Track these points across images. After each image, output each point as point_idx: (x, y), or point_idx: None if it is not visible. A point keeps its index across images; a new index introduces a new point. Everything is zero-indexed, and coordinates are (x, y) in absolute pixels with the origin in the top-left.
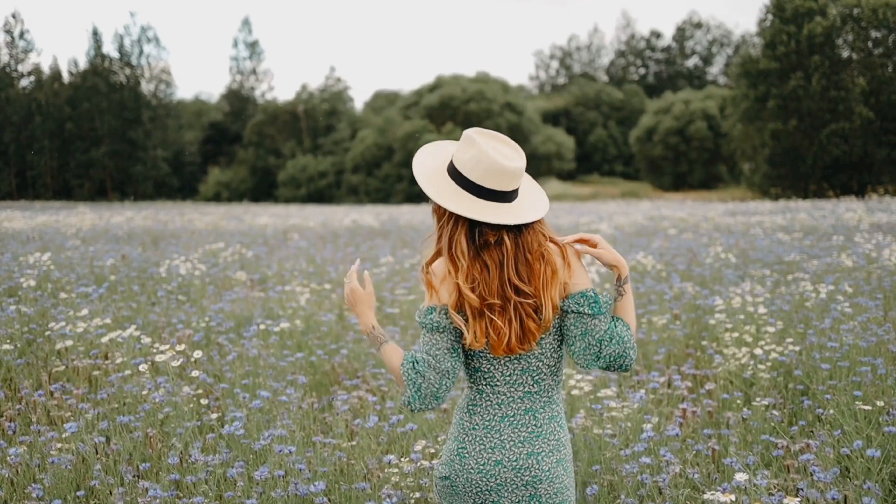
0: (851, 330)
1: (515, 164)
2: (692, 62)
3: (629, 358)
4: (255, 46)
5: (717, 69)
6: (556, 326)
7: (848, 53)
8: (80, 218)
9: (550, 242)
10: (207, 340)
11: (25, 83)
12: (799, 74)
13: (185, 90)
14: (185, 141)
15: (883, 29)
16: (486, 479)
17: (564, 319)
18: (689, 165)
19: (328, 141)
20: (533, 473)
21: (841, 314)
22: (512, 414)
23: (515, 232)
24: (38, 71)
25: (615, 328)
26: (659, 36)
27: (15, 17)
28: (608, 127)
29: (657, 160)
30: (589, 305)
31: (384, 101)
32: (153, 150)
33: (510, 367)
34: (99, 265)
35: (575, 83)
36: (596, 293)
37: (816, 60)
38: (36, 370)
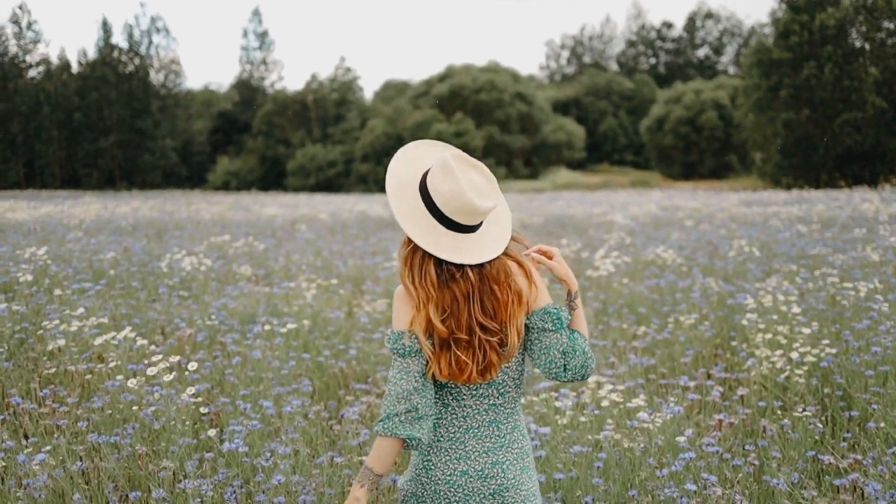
0: (889, 331)
1: (489, 203)
2: (703, 52)
3: (590, 368)
4: (264, 36)
5: (727, 59)
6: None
7: (861, 43)
8: (84, 208)
9: (512, 261)
10: (210, 340)
11: (34, 73)
12: (812, 64)
13: (194, 80)
14: (194, 130)
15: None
16: (453, 489)
17: (528, 335)
18: (699, 155)
19: (337, 130)
20: (499, 482)
21: (879, 314)
22: (476, 426)
23: (479, 265)
24: (46, 61)
25: (575, 341)
26: (670, 26)
27: (22, 7)
28: (618, 116)
29: (668, 149)
30: (552, 322)
31: (394, 90)
32: (162, 139)
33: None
34: (99, 259)
35: (585, 73)
36: (558, 309)
37: (829, 50)
38: (27, 373)
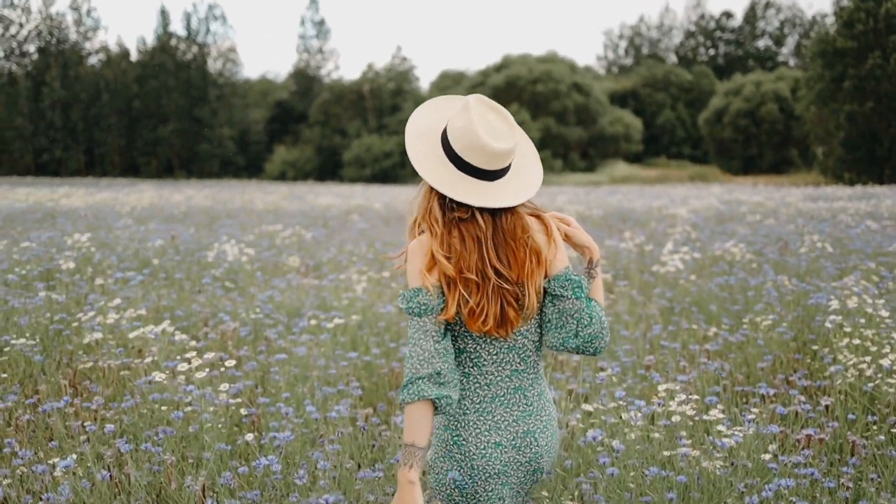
0: None
1: (502, 145)
2: (763, 43)
3: (603, 340)
4: (321, 25)
5: (788, 50)
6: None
7: None
8: (137, 196)
9: (532, 216)
10: (255, 335)
11: (94, 61)
12: (876, 54)
13: (252, 70)
14: (251, 120)
15: None
16: (490, 462)
17: (544, 297)
18: (759, 148)
19: (394, 121)
20: (534, 450)
21: None
22: (502, 394)
23: (491, 212)
24: (105, 49)
25: (592, 309)
26: (730, 16)
27: None
28: (676, 109)
29: (727, 143)
30: (573, 290)
31: (450, 81)
32: (219, 128)
33: (496, 345)
34: (145, 247)
35: (643, 64)
36: (580, 277)
37: (895, 40)
38: (62, 368)
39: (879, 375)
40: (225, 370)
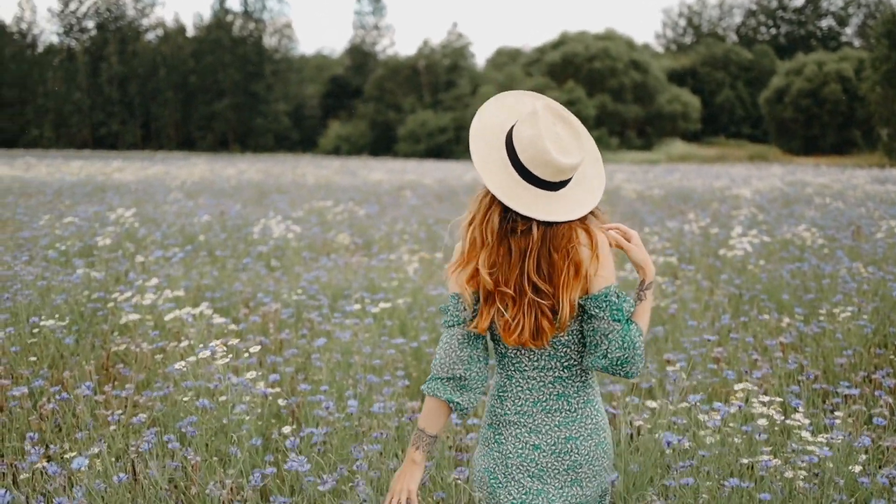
0: None
1: (569, 160)
2: (826, 23)
3: (636, 366)
4: (377, 2)
5: (852, 31)
6: (580, 314)
7: None
8: (189, 170)
9: (581, 229)
10: (297, 317)
11: (151, 37)
12: None
13: (307, 46)
14: (305, 95)
15: None
16: (526, 464)
17: (582, 315)
18: (821, 129)
19: (448, 97)
20: (573, 458)
21: None
22: (544, 399)
23: (547, 223)
24: (162, 25)
25: (628, 332)
26: None
27: None
28: (736, 88)
29: (787, 123)
30: (610, 312)
31: (506, 57)
32: (274, 103)
33: (537, 353)
34: (191, 222)
35: (703, 43)
36: (620, 297)
37: None
38: (96, 350)
39: None
40: (263, 356)
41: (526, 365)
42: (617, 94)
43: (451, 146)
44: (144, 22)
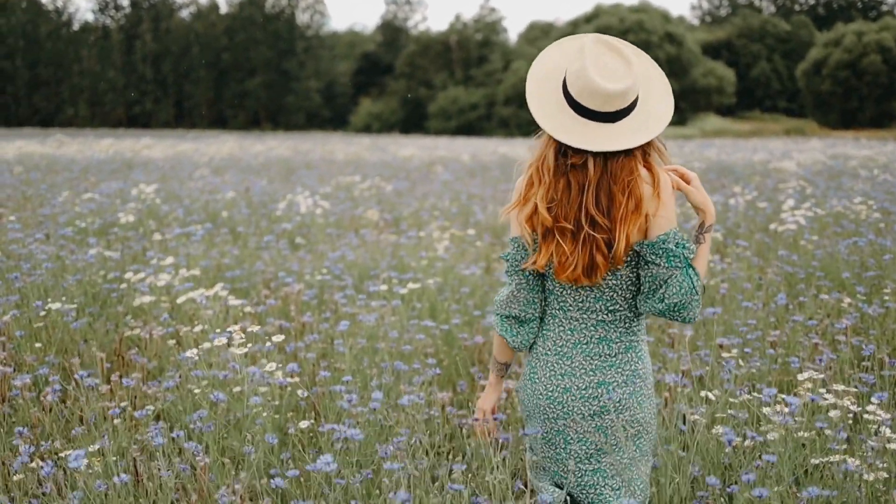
0: None
1: (617, 86)
2: None
3: (693, 311)
4: None
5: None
6: (633, 259)
7: None
8: (218, 147)
9: (644, 167)
10: (320, 299)
11: (185, 14)
12: None
13: (339, 22)
14: (337, 72)
15: None
16: (552, 405)
17: (639, 260)
18: (860, 101)
19: (480, 72)
20: (601, 403)
21: None
22: (585, 341)
23: (604, 156)
24: (196, 2)
25: (686, 278)
26: None
27: None
28: (772, 60)
29: (825, 95)
30: (668, 258)
31: (539, 31)
32: (306, 80)
33: (583, 292)
34: (215, 199)
35: (739, 14)
36: (679, 244)
37: None
38: (109, 334)
39: None
40: (283, 342)
41: (570, 304)
42: None
43: (482, 123)
44: (178, 0)
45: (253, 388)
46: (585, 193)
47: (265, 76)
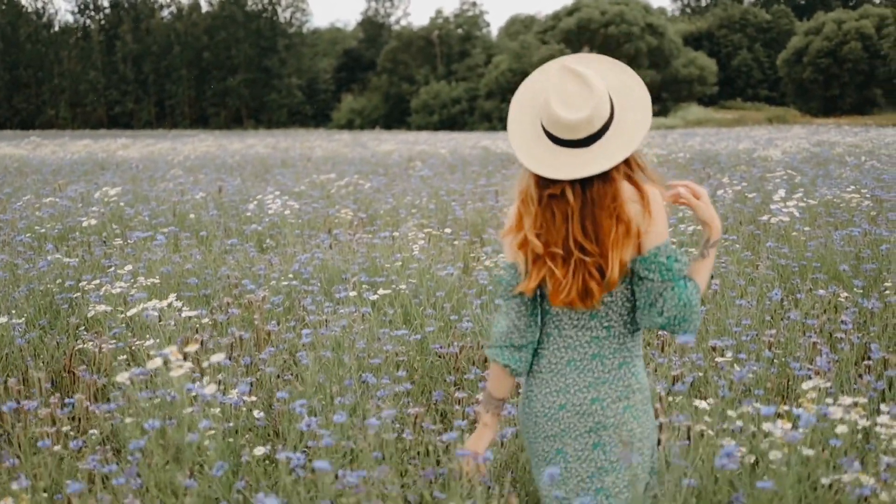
0: None
1: (578, 115)
2: None
3: (692, 323)
4: None
5: None
6: (627, 276)
7: None
8: (194, 146)
9: (629, 183)
10: (286, 307)
11: (165, 14)
12: None
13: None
14: (319, 69)
15: None
16: (550, 423)
17: (633, 276)
18: (840, 89)
19: (462, 67)
20: (597, 419)
21: None
22: (578, 358)
23: (581, 183)
24: (176, 1)
25: (684, 290)
26: None
27: None
28: (753, 50)
29: (806, 84)
30: (661, 272)
31: (520, 25)
32: (287, 78)
33: (578, 312)
34: (183, 200)
35: (719, 4)
36: (671, 257)
37: None
38: (61, 348)
39: None
40: (238, 355)
41: (566, 324)
42: (633, 59)
43: (464, 117)
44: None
45: (204, 409)
46: (570, 222)
47: (247, 74)
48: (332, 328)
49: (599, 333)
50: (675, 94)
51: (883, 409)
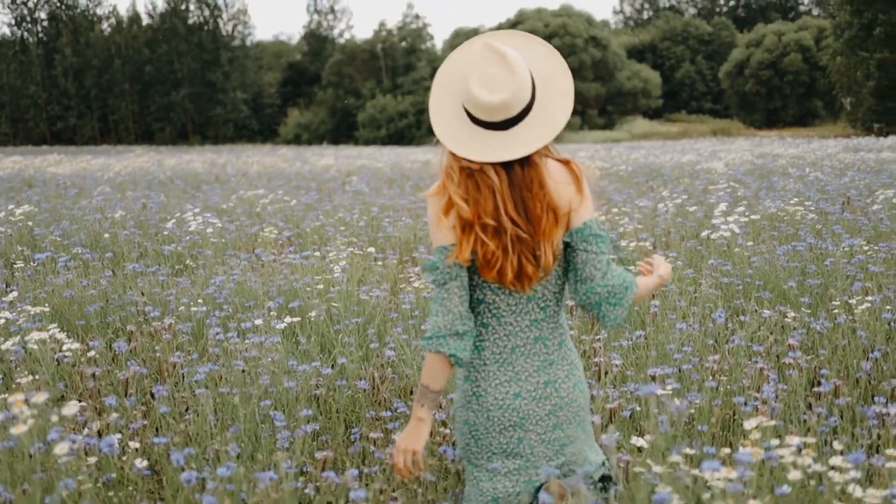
0: None
1: (496, 97)
2: None
3: (625, 304)
4: None
5: None
6: (560, 254)
7: None
8: (128, 162)
9: (560, 162)
10: (197, 335)
11: (105, 26)
12: None
13: (264, 32)
14: (264, 83)
15: None
16: (507, 413)
17: (567, 251)
18: (782, 101)
19: (407, 80)
20: (553, 402)
21: None
22: (522, 344)
23: (503, 164)
24: (115, 14)
25: (618, 270)
26: None
27: None
28: (696, 62)
29: (748, 96)
30: (596, 244)
31: (464, 38)
32: (232, 92)
33: (515, 296)
34: (97, 219)
35: (661, 17)
36: (604, 231)
37: None
38: None
39: None
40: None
41: (504, 311)
42: (577, 72)
43: (412, 131)
44: (98, 11)
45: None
46: (499, 198)
47: (191, 88)
48: (237, 362)
49: (538, 316)
50: (620, 106)
51: (836, 446)
